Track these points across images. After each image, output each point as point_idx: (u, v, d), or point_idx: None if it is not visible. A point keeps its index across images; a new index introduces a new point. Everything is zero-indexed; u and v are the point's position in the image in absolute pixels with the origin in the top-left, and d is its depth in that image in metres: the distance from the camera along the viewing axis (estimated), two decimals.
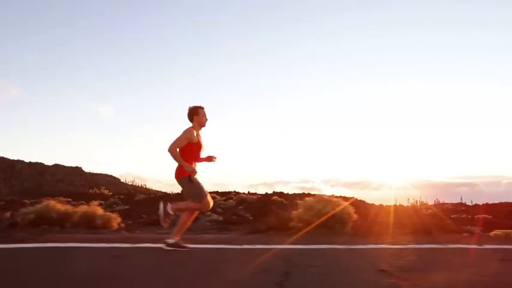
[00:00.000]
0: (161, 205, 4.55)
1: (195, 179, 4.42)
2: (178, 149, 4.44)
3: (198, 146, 4.50)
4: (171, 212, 4.49)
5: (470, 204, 15.92)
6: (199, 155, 4.57)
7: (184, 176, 4.38)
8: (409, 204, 15.42)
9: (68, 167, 63.88)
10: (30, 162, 61.80)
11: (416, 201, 16.37)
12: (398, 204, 17.09)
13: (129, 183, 66.70)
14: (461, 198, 15.37)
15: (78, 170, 64.99)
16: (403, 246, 4.80)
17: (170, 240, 4.41)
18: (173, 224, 4.62)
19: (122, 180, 67.67)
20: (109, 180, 62.93)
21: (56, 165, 63.22)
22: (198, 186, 4.41)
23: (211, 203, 4.57)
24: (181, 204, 4.68)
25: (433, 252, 4.52)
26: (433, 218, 7.79)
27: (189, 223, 4.57)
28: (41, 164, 62.14)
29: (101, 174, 66.42)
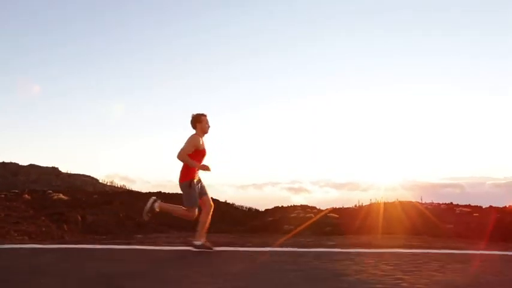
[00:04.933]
0: (151, 200, 4.65)
1: (194, 187, 4.51)
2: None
3: (202, 153, 4.60)
4: (157, 210, 4.58)
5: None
6: (202, 162, 4.65)
7: (186, 180, 4.48)
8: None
9: (43, 167, 62.40)
10: (3, 162, 60.15)
11: (378, 202, 16.66)
12: (359, 205, 17.43)
13: (108, 184, 65.59)
14: (421, 199, 15.77)
15: (54, 170, 63.52)
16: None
17: (197, 242, 4.49)
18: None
19: (100, 181, 66.50)
20: (86, 181, 61.76)
21: (31, 165, 61.68)
22: (193, 195, 4.50)
23: (209, 209, 4.57)
24: (171, 207, 4.72)
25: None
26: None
27: (208, 224, 4.58)
28: (15, 164, 60.53)
29: (78, 174, 65.11)
